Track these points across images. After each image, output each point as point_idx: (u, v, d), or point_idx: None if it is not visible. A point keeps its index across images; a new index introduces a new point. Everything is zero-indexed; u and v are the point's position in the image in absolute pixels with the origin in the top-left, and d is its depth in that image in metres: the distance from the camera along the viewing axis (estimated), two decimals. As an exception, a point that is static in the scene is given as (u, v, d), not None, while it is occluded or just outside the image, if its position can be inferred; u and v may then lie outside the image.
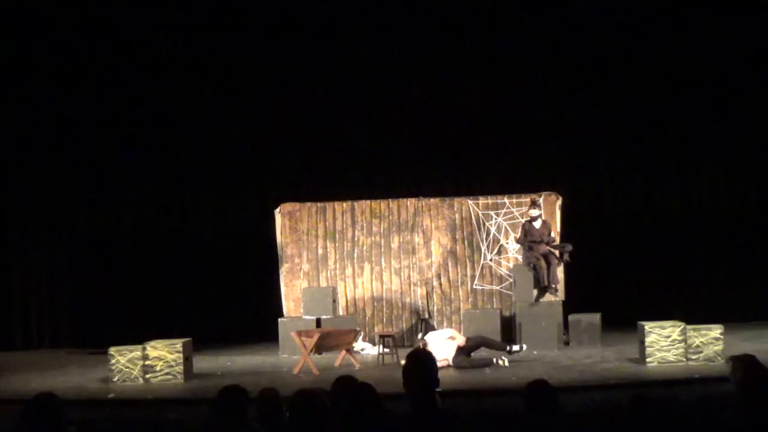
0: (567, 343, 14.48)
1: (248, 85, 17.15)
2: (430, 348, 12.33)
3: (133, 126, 17.21)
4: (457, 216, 15.96)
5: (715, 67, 16.72)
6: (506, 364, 12.82)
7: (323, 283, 15.83)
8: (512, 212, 15.75)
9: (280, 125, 17.21)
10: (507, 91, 16.90)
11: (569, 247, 14.62)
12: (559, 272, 14.95)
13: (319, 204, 16.10)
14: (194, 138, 17.27)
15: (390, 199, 16.12)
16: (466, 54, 16.94)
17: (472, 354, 13.07)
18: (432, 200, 16.05)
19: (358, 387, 4.94)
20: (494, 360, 12.91)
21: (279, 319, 15.28)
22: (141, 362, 12.52)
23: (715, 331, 12.26)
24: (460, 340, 13.04)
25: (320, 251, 16.01)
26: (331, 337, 13.18)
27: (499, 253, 15.79)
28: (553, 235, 14.99)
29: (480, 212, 15.85)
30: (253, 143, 17.35)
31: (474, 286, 15.80)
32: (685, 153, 17.18)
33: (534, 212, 14.76)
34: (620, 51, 16.82)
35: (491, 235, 15.80)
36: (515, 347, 13.05)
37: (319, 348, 12.93)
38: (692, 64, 16.77)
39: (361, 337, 15.10)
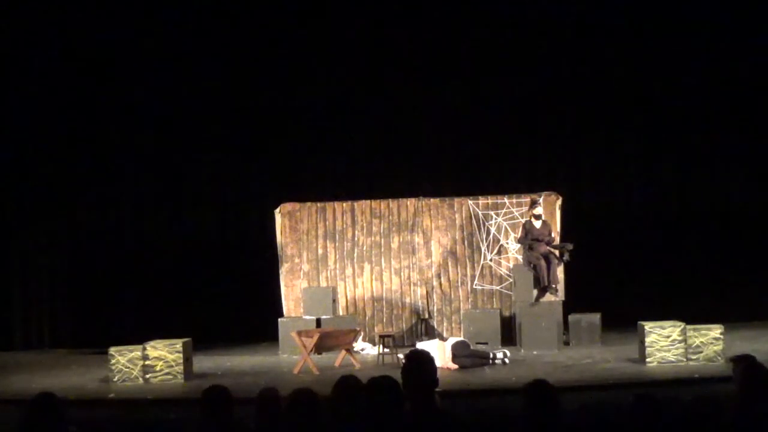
0: (567, 343, 14.48)
1: (248, 85, 17.14)
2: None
3: (134, 126, 17.21)
4: (457, 216, 15.96)
5: (716, 67, 16.72)
6: (507, 359, 12.86)
7: (323, 283, 15.83)
8: (512, 212, 15.75)
9: (280, 125, 17.22)
10: (507, 91, 16.90)
11: (570, 246, 14.62)
12: (559, 272, 14.95)
13: (319, 204, 16.11)
14: (194, 138, 17.26)
15: (390, 199, 16.12)
16: (467, 54, 16.93)
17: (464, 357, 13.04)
18: (432, 200, 16.05)
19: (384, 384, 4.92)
20: (492, 354, 12.96)
21: (279, 319, 15.29)
22: (141, 362, 12.51)
23: (715, 331, 12.25)
24: (448, 354, 12.91)
25: (320, 251, 16.01)
26: (331, 337, 13.18)
27: (499, 253, 15.79)
28: (553, 235, 14.99)
29: (480, 212, 15.84)
30: (253, 143, 17.34)
31: (474, 286, 15.79)
32: (685, 153, 17.17)
33: (538, 210, 14.75)
34: (620, 51, 16.82)
35: (491, 235, 15.79)
36: (498, 354, 13.04)
37: (319, 348, 12.93)
38: (692, 64, 16.77)
39: (361, 337, 15.09)
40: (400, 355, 12.39)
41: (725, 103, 16.83)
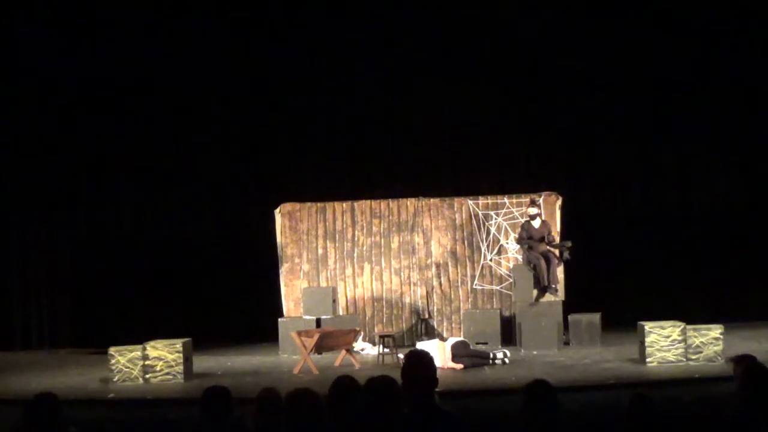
0: (567, 343, 14.48)
1: (249, 85, 17.15)
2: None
3: (134, 126, 17.21)
4: (457, 216, 15.96)
5: (715, 67, 16.72)
6: (507, 359, 12.86)
7: (323, 283, 15.83)
8: (512, 212, 15.75)
9: (280, 125, 17.22)
10: (507, 91, 16.90)
11: (569, 244, 14.62)
12: (559, 272, 14.95)
13: (319, 204, 16.11)
14: (195, 138, 17.27)
15: (390, 199, 16.12)
16: (467, 55, 16.93)
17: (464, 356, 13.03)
18: (432, 200, 16.06)
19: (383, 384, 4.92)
20: (492, 354, 12.96)
21: (279, 319, 15.29)
22: (141, 362, 12.51)
23: (715, 331, 12.25)
24: (448, 353, 12.88)
25: (320, 251, 16.01)
26: (331, 337, 13.18)
27: (499, 253, 15.80)
28: (552, 235, 14.99)
29: (480, 212, 15.85)
30: (253, 143, 17.35)
31: (474, 286, 15.80)
32: (685, 153, 17.17)
33: (532, 210, 14.75)
34: (619, 51, 16.81)
35: (491, 235, 15.80)
36: (498, 354, 13.04)
37: (319, 348, 12.93)
38: (692, 64, 16.77)
39: (361, 337, 15.10)
40: (400, 355, 12.39)
41: (725, 103, 16.82)
